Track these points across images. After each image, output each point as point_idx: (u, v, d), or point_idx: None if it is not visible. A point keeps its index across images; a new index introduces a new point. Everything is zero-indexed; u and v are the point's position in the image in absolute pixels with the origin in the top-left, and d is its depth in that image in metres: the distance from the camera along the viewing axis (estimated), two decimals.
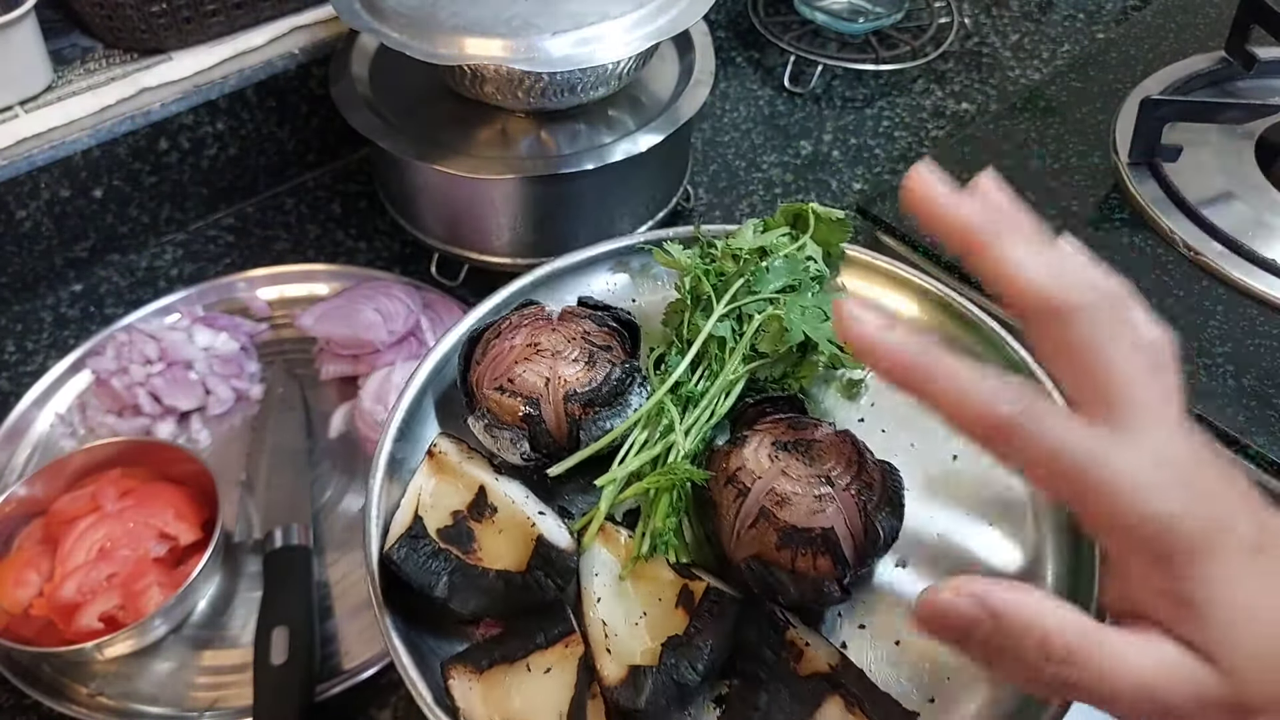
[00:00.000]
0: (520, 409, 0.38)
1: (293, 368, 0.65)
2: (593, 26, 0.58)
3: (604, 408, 0.38)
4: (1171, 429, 0.29)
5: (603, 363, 0.39)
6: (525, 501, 0.37)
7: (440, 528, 0.36)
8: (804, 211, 0.45)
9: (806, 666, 0.33)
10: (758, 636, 0.33)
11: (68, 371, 0.63)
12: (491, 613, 0.35)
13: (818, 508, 0.34)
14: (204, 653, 0.52)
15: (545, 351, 0.39)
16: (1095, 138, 0.66)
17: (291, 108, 0.75)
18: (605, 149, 0.63)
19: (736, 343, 0.40)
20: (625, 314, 0.42)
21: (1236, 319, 0.54)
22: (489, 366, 0.39)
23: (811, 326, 0.40)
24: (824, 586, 0.33)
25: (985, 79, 0.90)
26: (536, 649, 0.34)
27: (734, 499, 0.35)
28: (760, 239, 0.43)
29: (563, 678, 0.33)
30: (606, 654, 0.33)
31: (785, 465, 0.35)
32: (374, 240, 0.74)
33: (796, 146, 0.83)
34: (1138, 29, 0.76)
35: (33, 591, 0.51)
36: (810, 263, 0.43)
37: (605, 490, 0.37)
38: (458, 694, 0.33)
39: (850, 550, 0.34)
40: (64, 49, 0.69)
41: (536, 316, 0.41)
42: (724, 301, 0.41)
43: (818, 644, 0.33)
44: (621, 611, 0.34)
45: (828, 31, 0.91)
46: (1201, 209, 0.59)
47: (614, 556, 0.36)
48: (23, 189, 0.65)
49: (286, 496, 0.57)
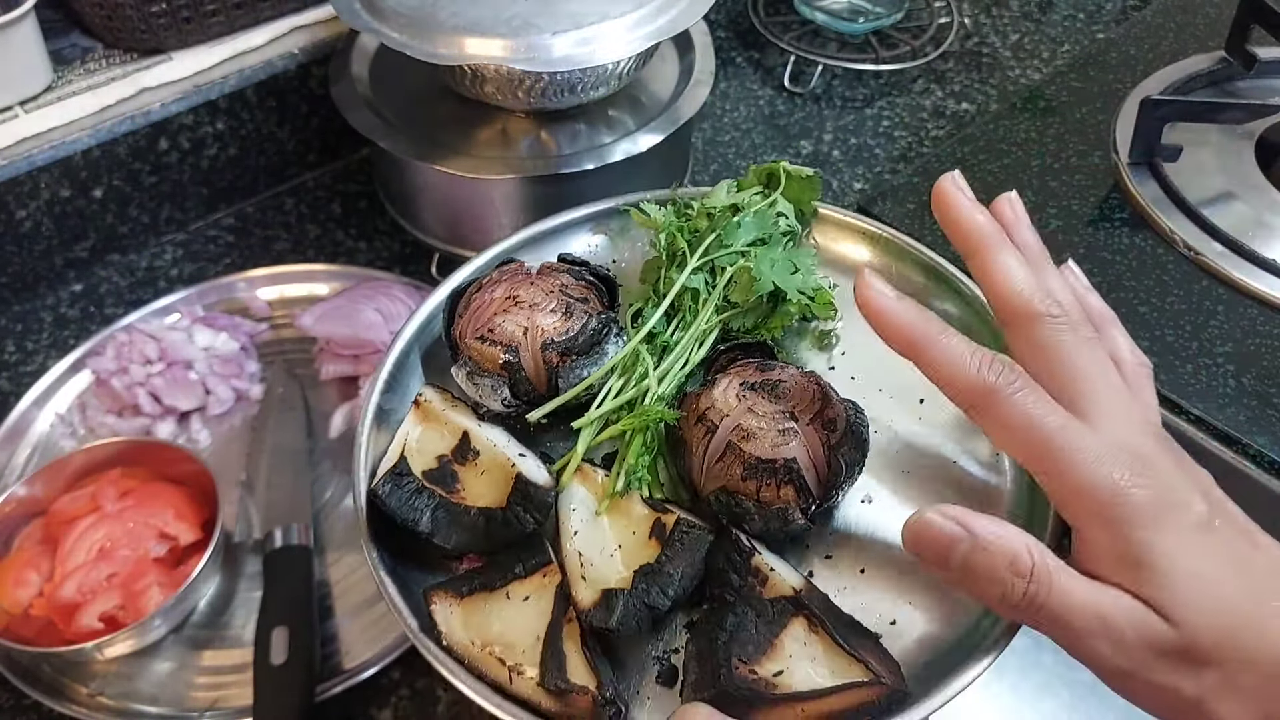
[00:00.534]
0: (500, 357, 0.39)
1: (293, 368, 0.65)
2: (593, 26, 0.58)
3: (581, 356, 0.40)
4: (1135, 429, 0.32)
5: (579, 313, 0.41)
6: (507, 445, 0.38)
7: (425, 470, 0.38)
8: (775, 170, 0.46)
9: (771, 590, 0.34)
10: (725, 563, 0.35)
11: (68, 371, 0.63)
12: (473, 548, 0.37)
13: (781, 441, 0.35)
14: (204, 653, 0.52)
15: (524, 303, 0.40)
16: (1095, 138, 0.66)
17: (291, 108, 0.75)
18: (605, 149, 0.63)
19: (709, 294, 0.42)
20: (604, 269, 0.44)
21: (1237, 319, 0.54)
22: (471, 318, 0.41)
23: (781, 277, 0.42)
24: (788, 514, 0.35)
25: (985, 79, 0.90)
26: (515, 578, 0.35)
27: (703, 436, 0.37)
28: (733, 197, 0.45)
29: (540, 604, 0.35)
30: (582, 581, 0.35)
31: (752, 403, 0.37)
32: (374, 240, 0.74)
33: (796, 146, 0.83)
34: (1138, 29, 0.76)
35: (33, 591, 0.51)
36: (781, 219, 0.44)
37: (582, 432, 0.38)
38: (439, 618, 0.34)
39: (813, 481, 0.36)
40: (64, 49, 0.69)
41: (516, 272, 0.43)
42: (697, 255, 0.43)
43: (783, 569, 0.35)
44: (597, 543, 0.36)
45: (828, 31, 0.91)
46: (1202, 209, 0.59)
47: (591, 494, 0.38)
48: (23, 189, 0.65)
49: (287, 496, 0.57)
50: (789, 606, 0.34)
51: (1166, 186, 0.61)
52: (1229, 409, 0.50)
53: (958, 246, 0.35)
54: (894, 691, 0.31)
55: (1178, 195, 0.60)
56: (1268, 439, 0.48)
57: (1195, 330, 0.54)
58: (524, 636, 0.34)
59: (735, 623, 0.33)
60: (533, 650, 0.34)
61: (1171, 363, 0.52)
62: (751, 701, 0.31)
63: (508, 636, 0.34)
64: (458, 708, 0.51)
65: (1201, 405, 0.50)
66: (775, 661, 0.32)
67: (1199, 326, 0.54)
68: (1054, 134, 0.67)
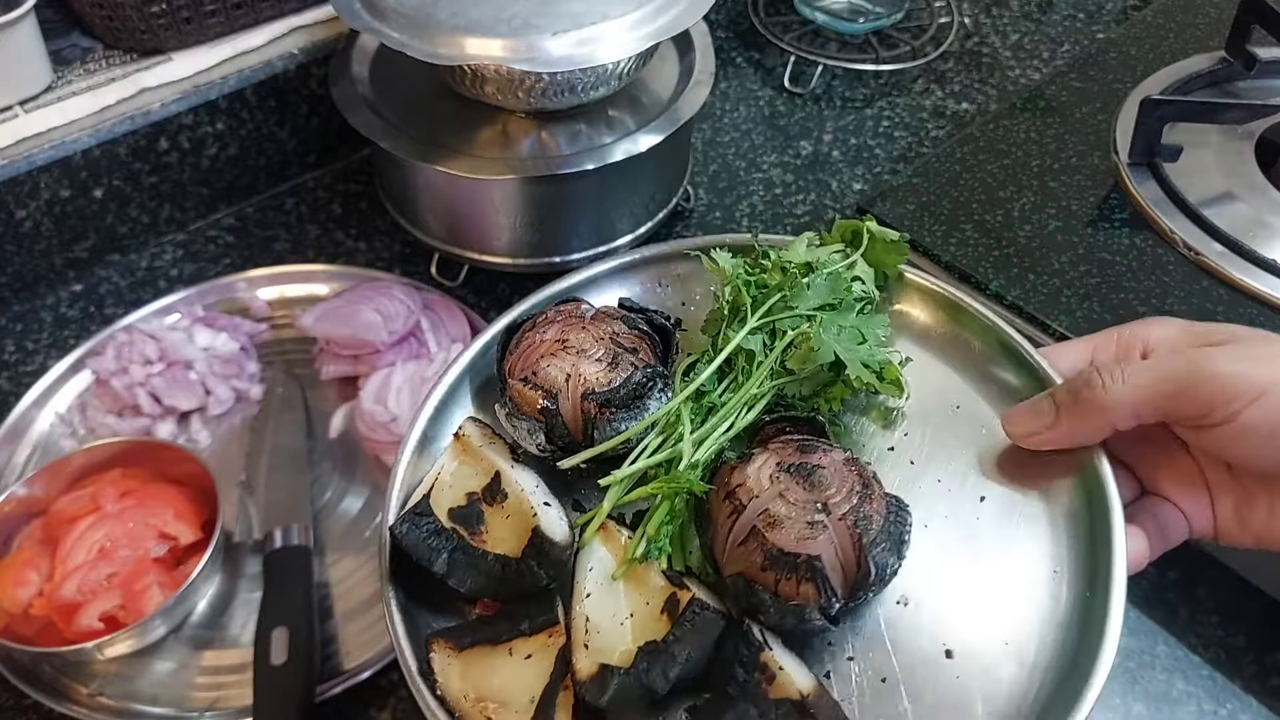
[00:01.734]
0: (539, 402, 0.39)
1: (293, 368, 0.65)
2: (593, 26, 0.58)
3: (620, 409, 0.39)
4: None
5: (625, 364, 0.40)
6: (534, 491, 0.38)
7: (453, 507, 0.37)
8: (860, 229, 0.43)
9: (778, 690, 0.32)
10: (734, 653, 0.33)
11: (68, 371, 0.63)
12: (487, 593, 0.36)
13: (808, 534, 0.34)
14: (204, 653, 0.52)
15: (571, 348, 0.40)
16: (1095, 138, 0.66)
17: (291, 108, 0.75)
18: (605, 149, 0.63)
19: (765, 357, 0.40)
20: (662, 318, 0.43)
21: (1237, 319, 0.54)
22: (519, 357, 0.41)
23: (845, 347, 0.39)
24: (805, 613, 0.33)
25: (985, 79, 0.90)
26: (520, 635, 0.35)
27: (729, 514, 0.35)
28: (811, 253, 0.42)
29: (541, 665, 0.34)
30: (584, 649, 0.33)
31: (784, 487, 0.35)
32: (374, 240, 0.74)
33: (796, 147, 0.83)
34: (1138, 29, 0.76)
35: (33, 591, 0.51)
36: (857, 283, 0.42)
37: (610, 490, 0.37)
38: (436, 666, 0.34)
39: (839, 581, 0.34)
40: (64, 49, 0.69)
41: (571, 314, 0.42)
42: (757, 314, 0.40)
43: (793, 669, 0.33)
44: (608, 609, 0.35)
45: (828, 31, 0.91)
46: (1202, 209, 0.59)
47: (611, 554, 0.36)
48: (23, 189, 0.65)
49: (286, 497, 0.57)
50: (793, 711, 0.32)
51: (1167, 187, 0.61)
52: None
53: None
54: None
55: (1178, 195, 0.60)
56: None
57: None
58: (519, 696, 0.33)
59: (737, 719, 0.32)
60: (525, 712, 0.33)
61: None
62: None
63: (503, 694, 0.33)
64: None
65: None
66: None
67: None
68: (1054, 134, 0.67)
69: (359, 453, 0.60)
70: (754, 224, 0.76)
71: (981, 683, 0.34)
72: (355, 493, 0.59)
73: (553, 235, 0.67)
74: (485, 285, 0.71)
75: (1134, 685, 0.51)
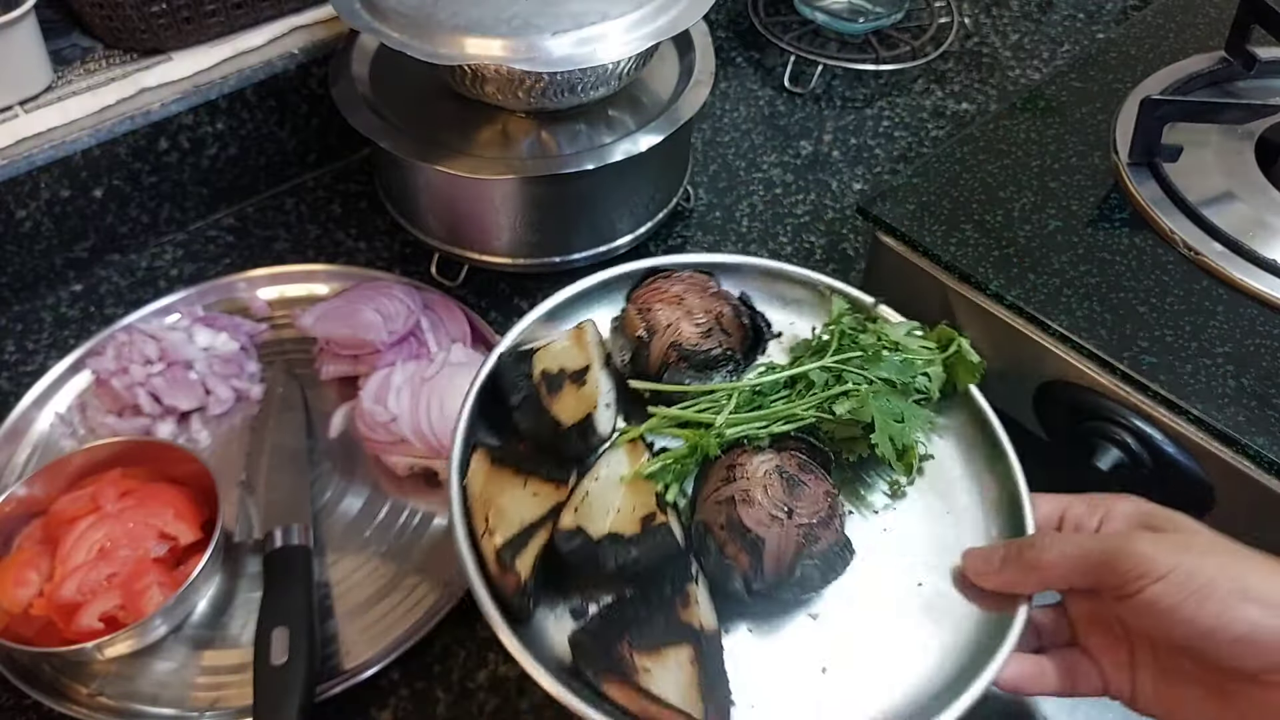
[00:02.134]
0: (639, 330, 0.48)
1: (293, 368, 0.65)
2: (593, 26, 0.58)
3: (691, 367, 0.47)
4: None
5: (714, 338, 0.48)
6: (604, 392, 0.47)
7: (545, 370, 0.46)
8: (954, 338, 0.50)
9: (686, 615, 0.40)
10: (670, 573, 0.41)
11: (68, 371, 0.63)
12: (533, 438, 0.46)
13: (766, 522, 0.41)
14: (204, 653, 0.52)
15: (683, 306, 0.48)
16: (1095, 138, 0.66)
17: (291, 108, 0.75)
18: (605, 149, 0.63)
19: (819, 390, 0.47)
20: (764, 322, 0.51)
21: (1237, 319, 0.54)
22: (647, 291, 0.50)
23: (882, 418, 0.45)
24: (733, 573, 0.41)
25: (985, 79, 0.90)
26: (537, 476, 0.44)
27: (722, 479, 0.43)
28: (905, 338, 0.49)
29: (539, 503, 0.43)
30: (573, 511, 0.42)
31: (770, 483, 0.42)
32: (374, 240, 0.74)
33: (796, 146, 0.83)
34: (1138, 29, 0.76)
35: (33, 591, 0.51)
36: (923, 378, 0.48)
37: (653, 419, 0.46)
38: (473, 465, 0.44)
39: (770, 565, 0.41)
40: (64, 49, 0.69)
41: (699, 283, 0.50)
42: (833, 356, 0.48)
43: (705, 607, 0.41)
44: (604, 496, 0.43)
45: (828, 31, 0.91)
46: (1202, 209, 0.59)
47: (629, 462, 0.44)
48: (22, 189, 0.65)
49: (287, 496, 0.57)
50: (688, 633, 0.39)
51: (1166, 186, 0.61)
52: (1228, 409, 0.50)
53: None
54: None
55: (1178, 195, 0.60)
56: (1267, 439, 0.48)
57: (1195, 330, 0.54)
58: (514, 515, 0.42)
59: (645, 616, 0.39)
60: (512, 528, 0.41)
61: (1171, 363, 0.52)
62: (614, 672, 0.38)
63: (505, 508, 0.42)
64: (458, 709, 0.51)
65: (1201, 405, 0.50)
66: (652, 661, 0.38)
67: (1199, 327, 0.54)
68: (1054, 134, 0.67)
69: (359, 452, 0.61)
70: (754, 224, 0.77)
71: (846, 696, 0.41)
72: (355, 492, 0.59)
73: (553, 235, 0.67)
74: (485, 285, 0.71)
75: None
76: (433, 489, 0.59)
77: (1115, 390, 0.53)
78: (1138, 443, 0.52)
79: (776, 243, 0.75)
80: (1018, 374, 0.58)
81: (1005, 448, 0.49)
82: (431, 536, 0.57)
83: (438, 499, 0.59)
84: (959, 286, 0.58)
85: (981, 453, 0.50)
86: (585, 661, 0.39)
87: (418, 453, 0.58)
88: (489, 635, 0.53)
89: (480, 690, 0.51)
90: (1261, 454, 0.48)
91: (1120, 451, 0.53)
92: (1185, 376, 0.51)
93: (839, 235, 0.76)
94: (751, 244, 0.75)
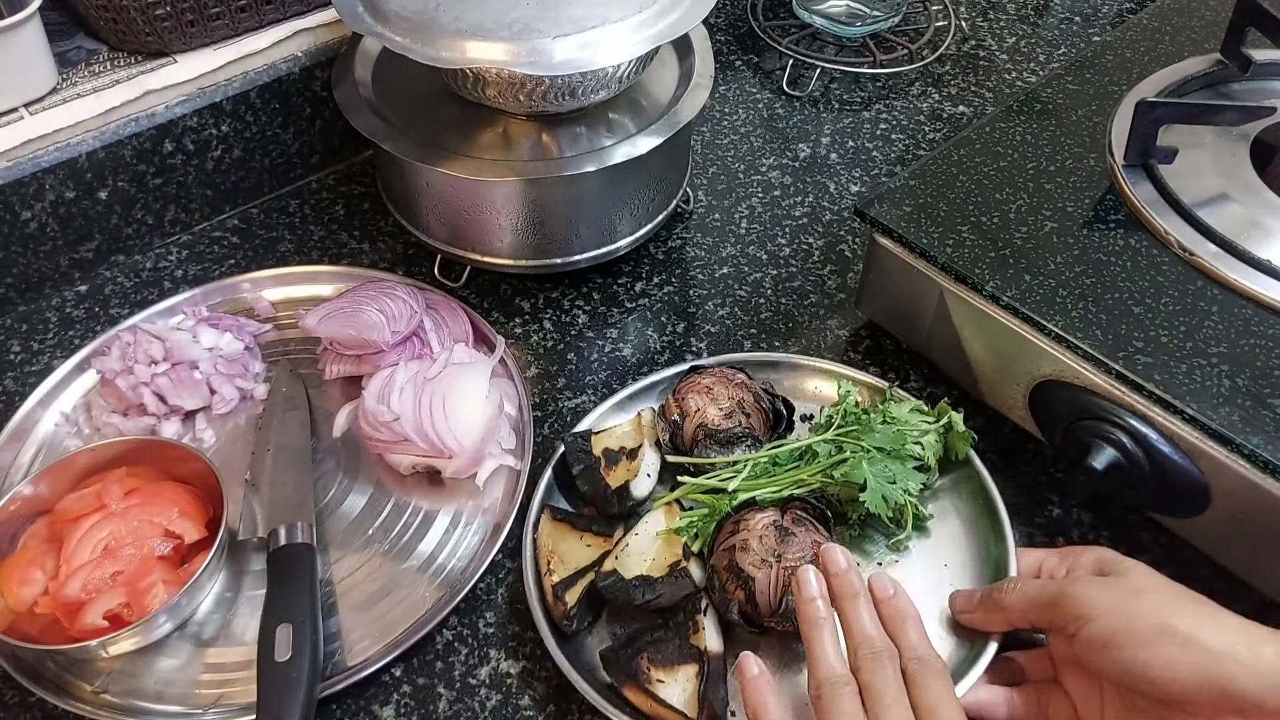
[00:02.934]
0: (674, 414, 0.59)
1: (297, 368, 0.65)
2: (594, 30, 0.59)
3: (715, 444, 0.57)
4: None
5: (736, 419, 0.58)
6: (650, 464, 0.57)
7: (606, 448, 0.58)
8: (948, 414, 0.57)
9: (696, 639, 0.49)
10: (685, 605, 0.51)
11: (73, 371, 0.64)
12: (592, 502, 0.57)
13: (759, 564, 0.49)
14: (208, 650, 0.53)
15: (712, 395, 0.59)
16: (1091, 140, 0.67)
17: (295, 110, 0.75)
18: (606, 152, 0.64)
19: (821, 459, 0.55)
20: (783, 404, 0.60)
21: (1231, 320, 0.55)
22: (685, 384, 0.60)
23: (875, 480, 0.53)
24: (732, 608, 0.49)
25: (982, 82, 0.90)
26: (591, 531, 0.55)
27: (730, 531, 0.52)
28: (909, 415, 0.56)
29: (591, 552, 0.54)
30: (614, 558, 0.52)
31: (765, 534, 0.50)
32: (377, 242, 0.75)
33: (795, 149, 0.83)
34: (1133, 32, 0.77)
35: (38, 589, 0.51)
36: (917, 446, 0.55)
37: (683, 486, 0.55)
38: (541, 521, 0.56)
39: (763, 601, 0.49)
40: (69, 51, 0.70)
41: (727, 376, 0.60)
42: (833, 430, 0.56)
43: (712, 632, 0.49)
44: (641, 548, 0.53)
45: (826, 35, 0.92)
46: (1197, 210, 0.59)
47: (665, 522, 0.54)
48: (28, 190, 0.65)
49: (290, 495, 0.57)
50: (696, 654, 0.49)
51: (1162, 188, 0.61)
52: (1223, 409, 0.50)
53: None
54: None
55: (1173, 197, 0.60)
56: (1261, 439, 0.49)
57: (1190, 331, 0.54)
58: (570, 559, 0.53)
59: (662, 639, 0.49)
60: (568, 568, 0.53)
61: (1166, 363, 0.52)
62: (632, 678, 0.48)
63: (564, 554, 0.54)
64: (460, 705, 0.51)
65: (1196, 405, 0.50)
66: (665, 674, 0.48)
67: (1193, 327, 0.54)
68: (1050, 136, 0.67)
69: (362, 451, 0.61)
70: (753, 226, 0.77)
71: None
72: (358, 491, 0.59)
73: (554, 237, 0.67)
74: (487, 286, 0.72)
75: None
76: (434, 488, 0.60)
77: (1110, 390, 0.53)
78: (1133, 442, 0.53)
79: (775, 244, 0.75)
80: (1013, 374, 0.58)
81: (999, 511, 0.54)
82: (433, 535, 0.57)
83: (439, 497, 0.59)
84: (955, 287, 0.59)
85: (980, 514, 0.56)
86: (610, 671, 0.49)
87: (419, 452, 0.58)
88: (491, 632, 0.54)
89: (482, 687, 0.52)
90: (1256, 453, 0.49)
91: (1116, 451, 0.53)
92: (1180, 376, 0.52)
93: (837, 237, 0.76)
94: (750, 245, 0.75)
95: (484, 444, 0.58)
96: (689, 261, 0.74)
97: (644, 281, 0.73)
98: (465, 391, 0.59)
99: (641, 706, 0.48)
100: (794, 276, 0.73)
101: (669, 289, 0.72)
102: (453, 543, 0.57)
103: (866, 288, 0.67)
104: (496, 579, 0.56)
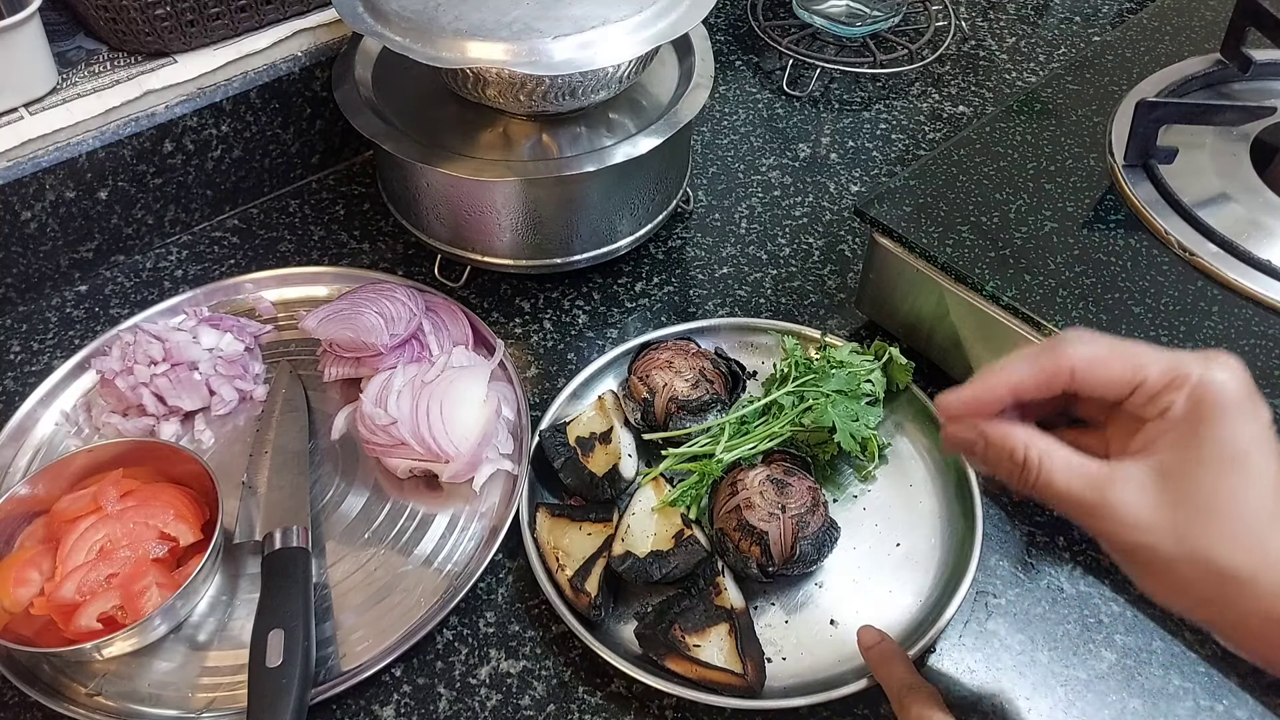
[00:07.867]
0: (643, 394, 0.59)
1: (297, 369, 0.65)
2: (594, 30, 0.59)
3: (689, 413, 0.58)
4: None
5: (702, 387, 0.59)
6: (626, 445, 0.58)
7: (579, 436, 0.59)
8: (887, 350, 0.61)
9: (720, 599, 0.51)
10: (702, 572, 0.53)
11: (72, 372, 0.63)
12: (578, 492, 0.58)
13: (766, 519, 0.52)
14: (203, 653, 0.52)
15: (674, 368, 0.60)
16: (1091, 140, 0.67)
17: (295, 110, 0.75)
18: (606, 151, 0.64)
19: (790, 410, 0.58)
20: (738, 367, 0.62)
21: (1231, 320, 0.55)
22: (643, 362, 0.61)
23: (840, 419, 0.56)
24: (748, 564, 0.52)
25: (982, 82, 0.90)
26: (589, 520, 0.55)
27: (728, 494, 0.54)
28: (849, 357, 0.60)
29: (595, 540, 0.54)
30: (620, 540, 0.54)
31: (764, 489, 0.53)
32: (377, 242, 0.75)
33: (795, 149, 0.83)
34: (1133, 32, 0.77)
35: (34, 590, 0.51)
36: (868, 384, 0.58)
37: (667, 459, 0.57)
38: (538, 521, 0.56)
39: (777, 553, 0.52)
40: (69, 51, 0.70)
41: (683, 347, 0.61)
42: (791, 382, 0.59)
43: (733, 592, 0.52)
44: (642, 525, 0.54)
45: (826, 35, 0.92)
46: (1197, 210, 0.59)
47: (656, 496, 0.56)
48: (28, 190, 0.65)
49: (287, 498, 0.57)
50: (723, 614, 0.51)
51: (1162, 188, 0.61)
52: None
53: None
54: (749, 687, 0.49)
55: (1173, 197, 0.60)
56: None
57: (1190, 331, 0.54)
58: (577, 552, 0.54)
59: (688, 607, 0.51)
60: (577, 560, 0.53)
61: None
62: (672, 649, 0.50)
63: (569, 549, 0.54)
64: (460, 705, 0.51)
65: None
66: (699, 639, 0.50)
67: (1194, 327, 0.54)
68: (1050, 136, 0.67)
69: (360, 455, 0.61)
70: (752, 226, 0.77)
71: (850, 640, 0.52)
72: (356, 493, 0.59)
73: (554, 237, 0.67)
74: (488, 286, 0.72)
75: (1130, 681, 0.52)
76: (431, 491, 0.59)
77: None
78: None
79: (775, 244, 0.75)
80: None
81: (926, 408, 0.60)
82: (431, 537, 0.57)
83: (437, 501, 0.59)
84: (955, 287, 0.59)
85: (927, 433, 0.60)
86: (649, 647, 0.50)
87: (416, 456, 0.58)
88: (491, 632, 0.54)
89: (482, 686, 0.52)
90: None
91: None
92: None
93: (837, 236, 0.76)
94: (750, 245, 0.75)
95: (481, 448, 0.58)
96: (689, 261, 0.74)
97: (644, 281, 0.73)
98: (463, 395, 0.59)
99: (688, 674, 0.49)
100: (794, 276, 0.73)
101: (669, 289, 0.72)
102: (450, 545, 0.57)
103: (866, 288, 0.67)
104: (496, 579, 0.56)
